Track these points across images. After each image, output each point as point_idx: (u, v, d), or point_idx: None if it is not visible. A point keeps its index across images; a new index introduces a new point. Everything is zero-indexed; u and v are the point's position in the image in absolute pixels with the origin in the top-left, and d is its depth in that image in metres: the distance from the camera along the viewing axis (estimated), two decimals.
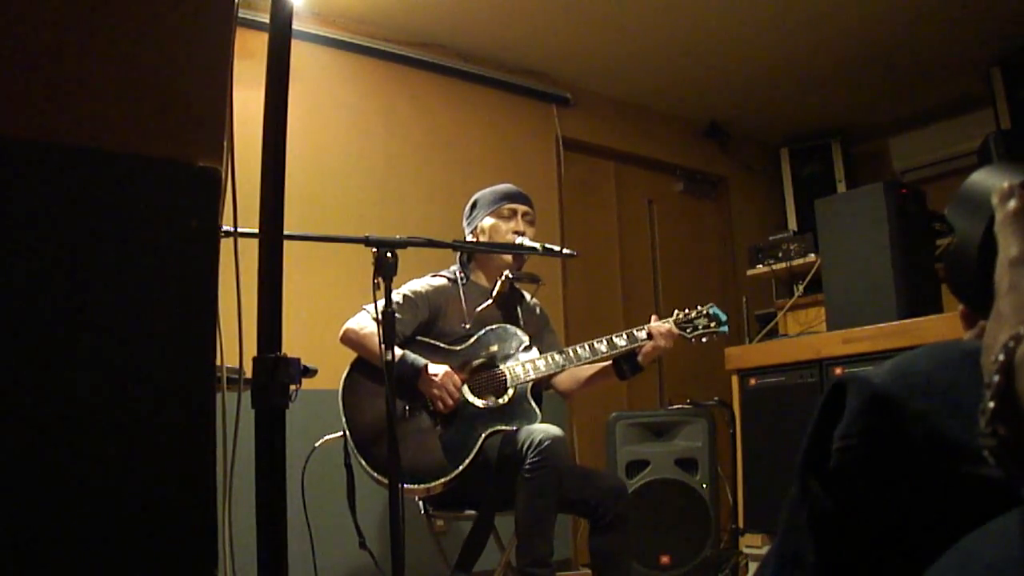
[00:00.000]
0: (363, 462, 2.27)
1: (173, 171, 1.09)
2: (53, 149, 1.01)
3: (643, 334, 2.48)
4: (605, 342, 2.47)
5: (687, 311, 2.54)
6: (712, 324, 2.52)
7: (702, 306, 2.55)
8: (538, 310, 2.74)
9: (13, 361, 0.96)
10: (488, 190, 2.69)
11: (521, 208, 2.63)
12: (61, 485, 0.96)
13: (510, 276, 2.54)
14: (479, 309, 2.52)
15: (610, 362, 2.56)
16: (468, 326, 2.51)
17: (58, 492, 0.96)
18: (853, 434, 0.66)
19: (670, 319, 2.53)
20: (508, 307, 2.63)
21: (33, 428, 0.96)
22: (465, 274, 2.61)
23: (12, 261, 0.97)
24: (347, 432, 2.30)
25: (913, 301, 2.90)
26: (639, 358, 2.50)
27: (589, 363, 2.52)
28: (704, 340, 2.54)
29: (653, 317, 2.55)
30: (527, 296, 2.73)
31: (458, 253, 2.68)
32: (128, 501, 1.00)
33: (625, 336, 2.49)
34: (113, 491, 0.99)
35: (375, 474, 2.26)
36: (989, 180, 0.68)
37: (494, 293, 2.53)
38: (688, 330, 2.51)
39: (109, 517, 0.99)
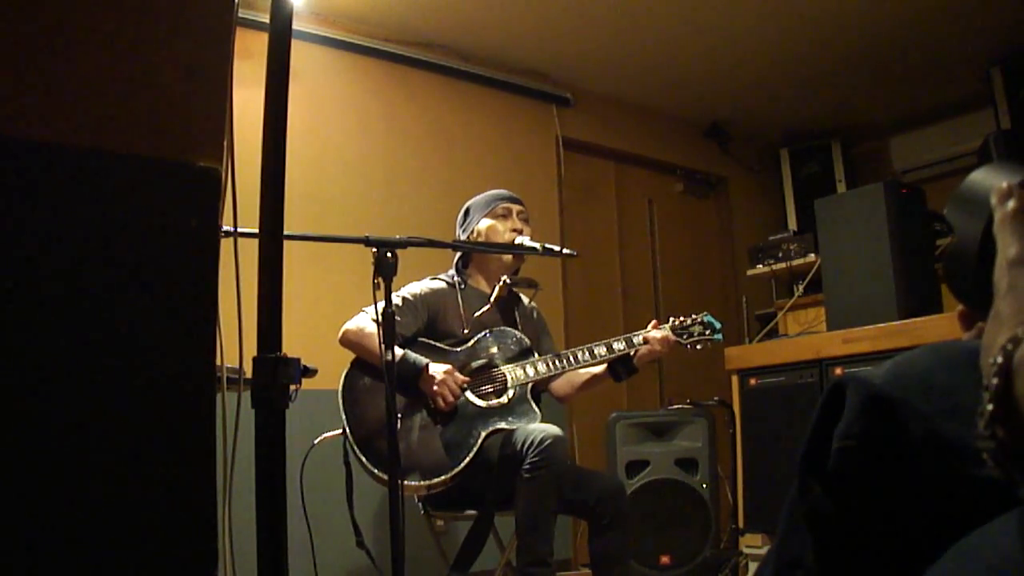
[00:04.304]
0: (363, 459, 2.27)
1: (173, 171, 1.09)
2: (53, 149, 1.01)
3: (640, 339, 2.51)
4: (604, 346, 2.49)
5: (683, 319, 2.59)
6: (707, 332, 2.58)
7: (697, 314, 2.61)
8: (535, 314, 2.75)
9: (12, 361, 0.96)
10: (479, 196, 2.71)
11: (515, 207, 2.64)
12: (61, 485, 0.96)
13: (508, 281, 2.55)
14: (477, 314, 2.53)
15: (604, 365, 2.57)
16: (467, 331, 2.52)
17: (58, 492, 0.96)
18: (853, 435, 0.66)
19: (666, 325, 2.57)
20: (506, 310, 2.63)
21: (33, 428, 0.96)
22: (462, 279, 2.62)
23: (11, 261, 0.97)
24: (347, 430, 2.30)
25: (913, 301, 2.90)
26: (634, 360, 2.52)
27: (588, 366, 2.54)
28: (699, 347, 2.60)
29: (652, 323, 2.57)
30: (524, 299, 2.73)
31: (454, 259, 2.68)
32: (128, 501, 1.00)
33: (623, 341, 2.51)
34: (113, 491, 0.99)
35: (375, 471, 2.26)
36: (988, 180, 0.68)
37: (492, 298, 2.54)
38: (684, 337, 2.57)
39: (109, 517, 0.99)
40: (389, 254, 1.87)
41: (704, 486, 3.14)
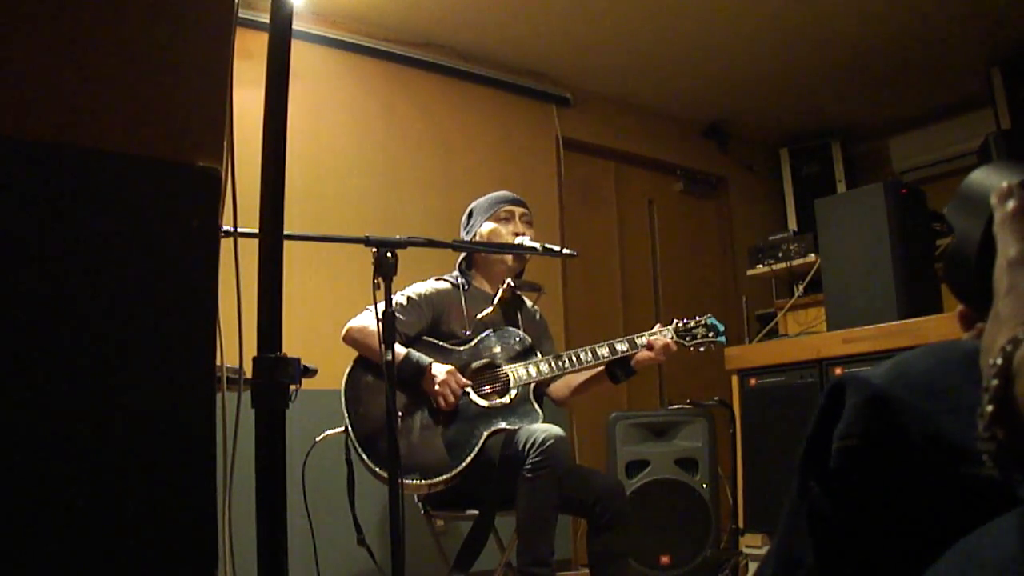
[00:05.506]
0: (364, 457, 2.27)
1: (173, 171, 1.09)
2: (53, 149, 1.01)
3: (643, 341, 2.50)
4: (607, 347, 2.48)
5: (686, 320, 2.57)
6: (710, 334, 2.56)
7: (700, 316, 2.59)
8: (538, 316, 2.74)
9: (12, 361, 0.96)
10: (483, 198, 2.70)
11: (518, 210, 2.64)
12: (61, 485, 0.96)
13: (512, 284, 2.55)
14: (480, 316, 2.52)
15: (602, 368, 2.56)
16: (468, 332, 2.52)
17: (58, 492, 0.96)
18: (852, 434, 0.66)
19: (669, 327, 2.55)
20: (509, 313, 2.63)
21: (33, 429, 0.96)
22: (467, 280, 2.62)
23: (12, 261, 0.97)
24: (349, 428, 2.30)
25: (913, 301, 2.90)
26: (632, 363, 2.51)
27: (591, 367, 2.53)
28: (702, 349, 2.58)
29: (657, 326, 2.56)
30: (528, 302, 2.73)
31: (457, 260, 2.68)
32: (128, 501, 1.00)
33: (627, 342, 2.50)
34: (113, 491, 0.99)
35: (376, 469, 2.26)
36: (988, 180, 0.68)
37: (496, 300, 2.54)
38: (687, 339, 2.55)
39: (109, 517, 0.99)
40: (389, 254, 1.87)
41: (704, 486, 3.14)
